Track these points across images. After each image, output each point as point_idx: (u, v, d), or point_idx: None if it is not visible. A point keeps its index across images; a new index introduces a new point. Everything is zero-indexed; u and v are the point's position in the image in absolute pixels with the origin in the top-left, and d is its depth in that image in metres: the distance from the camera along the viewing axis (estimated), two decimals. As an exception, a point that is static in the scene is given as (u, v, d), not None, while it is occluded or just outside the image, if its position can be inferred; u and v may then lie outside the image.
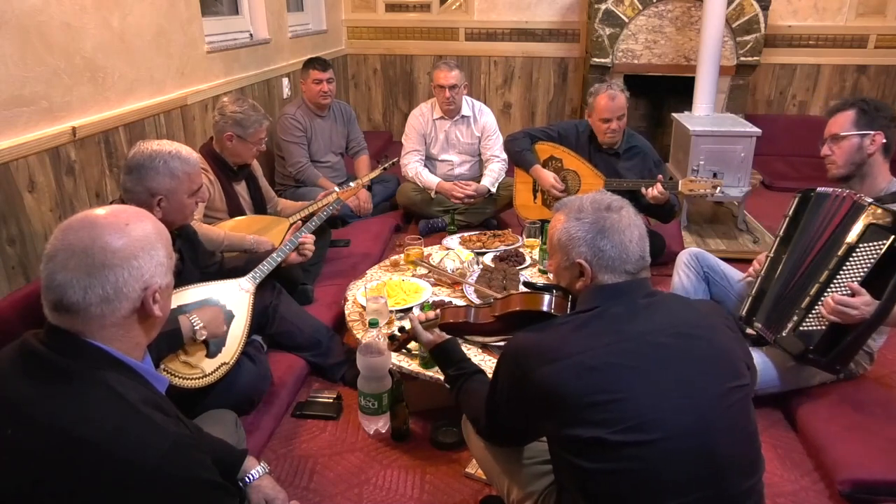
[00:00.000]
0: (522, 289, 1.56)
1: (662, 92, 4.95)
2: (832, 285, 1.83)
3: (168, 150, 1.77)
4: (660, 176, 2.82)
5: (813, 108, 5.10)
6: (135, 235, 1.00)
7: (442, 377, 1.90)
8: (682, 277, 2.36)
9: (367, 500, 1.81)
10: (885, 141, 1.94)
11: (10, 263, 1.96)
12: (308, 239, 2.27)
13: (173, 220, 1.77)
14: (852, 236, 1.82)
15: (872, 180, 1.98)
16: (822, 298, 1.82)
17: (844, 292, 1.78)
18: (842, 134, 1.97)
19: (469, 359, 1.63)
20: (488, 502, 1.78)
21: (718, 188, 2.77)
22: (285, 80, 4.08)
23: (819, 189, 2.00)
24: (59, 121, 2.14)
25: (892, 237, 1.73)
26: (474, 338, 1.99)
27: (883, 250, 1.74)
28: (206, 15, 3.14)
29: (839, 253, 1.82)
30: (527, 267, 2.63)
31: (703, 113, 4.05)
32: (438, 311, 1.73)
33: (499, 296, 1.82)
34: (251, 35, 3.75)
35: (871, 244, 1.78)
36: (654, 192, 2.77)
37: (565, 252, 1.24)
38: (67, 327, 0.97)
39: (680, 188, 2.79)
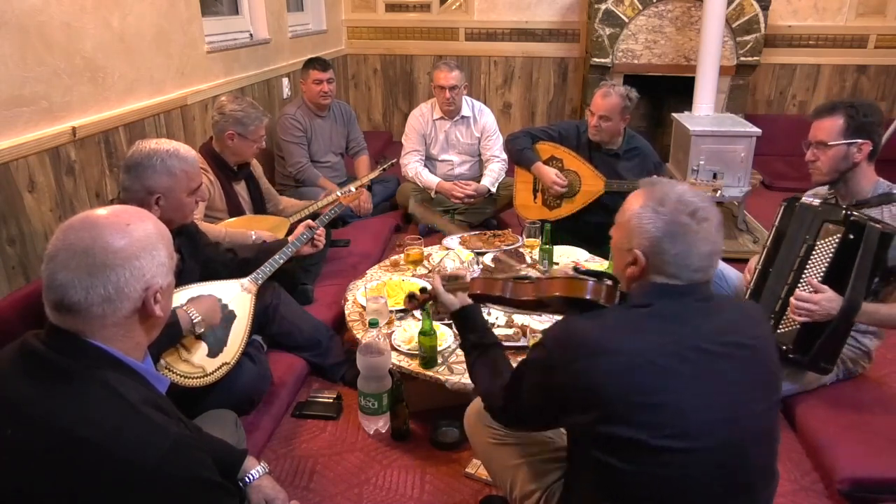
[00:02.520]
0: (572, 272, 1.47)
1: (662, 92, 4.95)
2: (799, 285, 1.86)
3: (166, 149, 1.76)
4: (654, 177, 2.81)
5: (813, 108, 5.09)
6: (136, 235, 1.00)
7: (442, 378, 1.91)
8: None
9: (367, 500, 1.81)
10: (871, 148, 1.92)
11: (10, 263, 1.96)
12: (321, 232, 2.31)
13: (172, 219, 1.77)
14: (810, 235, 1.85)
15: (856, 185, 1.96)
16: (791, 298, 1.85)
17: (810, 291, 1.81)
18: (830, 143, 1.93)
19: (490, 328, 1.55)
20: (488, 502, 1.78)
21: (719, 190, 2.77)
22: (285, 80, 4.08)
23: (803, 199, 1.98)
24: (59, 121, 2.14)
25: (842, 231, 1.76)
26: (503, 308, 1.87)
27: (836, 246, 1.78)
28: (206, 15, 3.14)
29: (800, 253, 1.86)
30: (526, 267, 2.63)
31: (703, 113, 4.05)
32: (465, 273, 1.62)
33: (536, 273, 1.72)
34: (251, 35, 3.75)
35: (825, 240, 1.82)
36: None
37: (628, 235, 1.18)
38: (68, 327, 0.97)
39: (680, 188, 2.79)
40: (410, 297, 1.72)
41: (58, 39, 2.12)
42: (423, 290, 1.71)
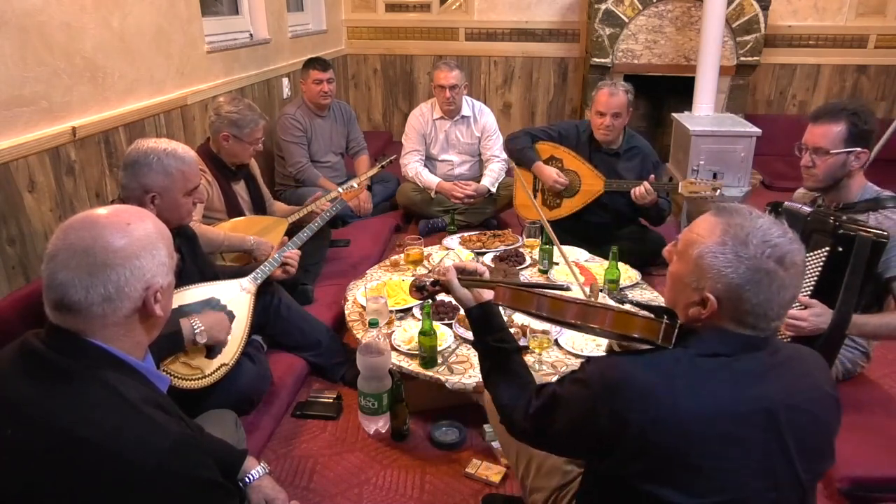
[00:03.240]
0: (626, 306, 1.20)
1: (662, 92, 4.95)
2: None
3: (164, 148, 1.77)
4: (651, 176, 2.81)
5: (813, 108, 5.09)
6: (136, 235, 1.00)
7: (442, 378, 1.91)
8: None
9: (367, 500, 1.81)
10: (867, 157, 1.89)
11: (10, 263, 1.96)
12: (293, 256, 2.20)
13: (168, 219, 1.77)
14: None
15: (847, 190, 1.93)
16: None
17: (796, 305, 1.75)
18: (832, 151, 1.85)
19: (509, 330, 1.39)
20: (489, 501, 1.78)
21: (718, 190, 2.77)
22: (285, 80, 4.08)
23: (786, 204, 1.92)
24: (59, 121, 2.14)
25: (831, 243, 1.68)
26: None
27: (825, 258, 1.71)
28: (206, 15, 3.14)
29: None
30: (527, 267, 2.63)
31: (703, 113, 4.06)
32: (484, 268, 1.46)
33: (580, 296, 1.57)
34: (251, 35, 3.75)
35: (814, 252, 1.74)
36: (638, 191, 2.77)
37: (697, 274, 1.02)
38: (69, 327, 0.97)
39: (680, 189, 2.79)
40: (419, 287, 1.53)
41: (58, 39, 2.12)
42: (434, 282, 1.50)
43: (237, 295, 2.00)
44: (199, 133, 2.99)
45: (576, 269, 2.42)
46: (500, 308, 1.40)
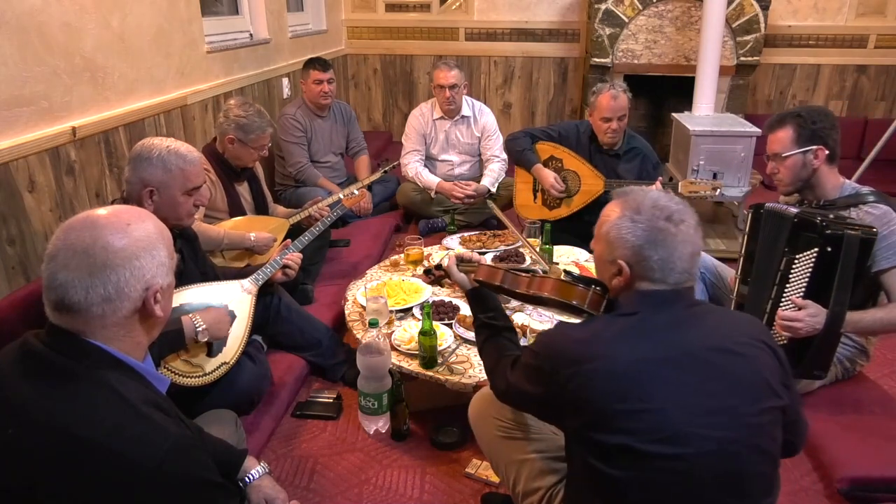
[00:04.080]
0: (563, 276, 1.49)
1: (662, 92, 4.95)
2: (782, 301, 1.80)
3: (167, 145, 1.78)
4: (660, 178, 2.81)
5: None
6: (136, 235, 1.00)
7: (442, 378, 1.91)
8: None
9: (367, 500, 1.81)
10: (828, 152, 1.92)
11: (10, 263, 1.96)
12: (294, 258, 2.20)
13: (166, 217, 1.75)
14: (789, 247, 1.79)
15: (822, 189, 1.97)
16: (776, 314, 1.80)
17: (790, 307, 1.77)
18: (784, 154, 1.95)
19: (503, 310, 1.60)
20: (489, 500, 1.78)
21: (718, 190, 2.77)
22: (285, 80, 4.08)
23: (768, 205, 1.95)
24: (59, 121, 2.14)
25: (820, 243, 1.70)
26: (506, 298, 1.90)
27: (814, 259, 1.72)
28: (206, 15, 3.14)
29: (781, 267, 1.80)
30: (534, 264, 2.63)
31: (703, 113, 4.05)
32: (478, 256, 1.70)
33: (542, 271, 1.75)
34: (251, 35, 3.75)
35: (804, 253, 1.75)
36: None
37: (609, 247, 1.20)
38: (69, 327, 0.97)
39: (680, 189, 2.79)
40: (426, 271, 1.83)
41: (58, 39, 2.12)
42: (438, 266, 1.76)
43: (238, 295, 2.00)
44: (199, 133, 2.99)
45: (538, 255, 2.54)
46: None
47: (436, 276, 1.81)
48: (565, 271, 1.73)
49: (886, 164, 4.05)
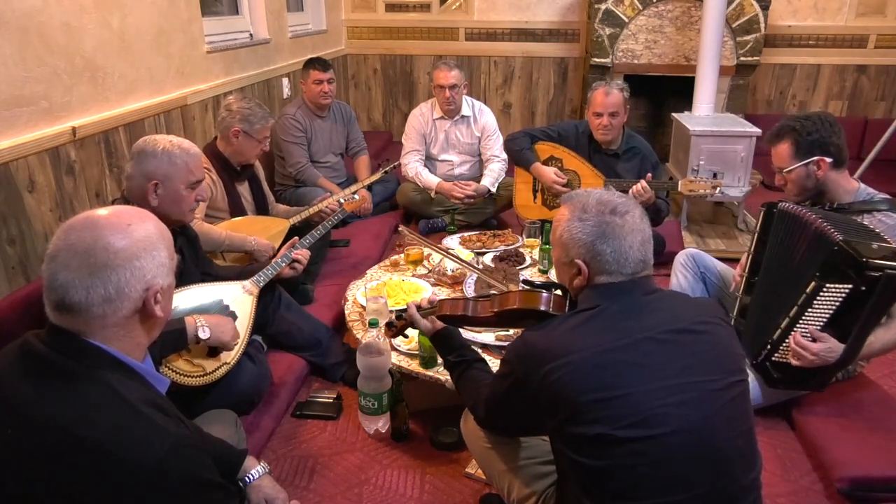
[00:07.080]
0: (522, 286, 1.52)
1: (662, 92, 4.95)
2: (801, 321, 1.76)
3: (170, 140, 1.81)
4: (648, 175, 2.80)
5: (813, 108, 5.09)
6: (137, 236, 1.00)
7: (442, 378, 1.91)
8: (680, 278, 2.37)
9: (367, 500, 1.81)
10: (830, 160, 1.90)
11: (10, 263, 1.96)
12: (302, 254, 2.23)
13: (169, 212, 1.77)
14: (820, 274, 1.71)
15: (834, 194, 1.96)
16: (792, 332, 1.78)
17: (805, 334, 1.75)
18: (786, 170, 1.96)
19: (469, 345, 1.65)
20: (488, 500, 1.78)
21: (718, 188, 2.77)
22: (285, 80, 4.08)
23: (782, 205, 1.92)
24: (59, 121, 2.14)
25: (854, 281, 1.64)
26: (473, 330, 1.98)
27: (845, 294, 1.67)
28: (206, 15, 3.14)
29: (807, 290, 1.73)
30: (527, 267, 2.63)
31: (703, 113, 4.06)
32: (436, 299, 1.72)
33: (498, 290, 1.79)
34: (251, 35, 3.75)
35: (836, 286, 1.69)
36: (635, 189, 2.76)
37: (565, 249, 1.25)
38: (69, 327, 0.97)
39: (680, 188, 2.79)
40: (388, 324, 1.82)
41: (58, 39, 2.12)
42: (398, 315, 1.78)
43: (239, 296, 2.00)
44: (199, 133, 2.99)
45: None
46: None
47: (398, 326, 1.78)
48: (523, 281, 1.82)
49: (886, 164, 4.05)
